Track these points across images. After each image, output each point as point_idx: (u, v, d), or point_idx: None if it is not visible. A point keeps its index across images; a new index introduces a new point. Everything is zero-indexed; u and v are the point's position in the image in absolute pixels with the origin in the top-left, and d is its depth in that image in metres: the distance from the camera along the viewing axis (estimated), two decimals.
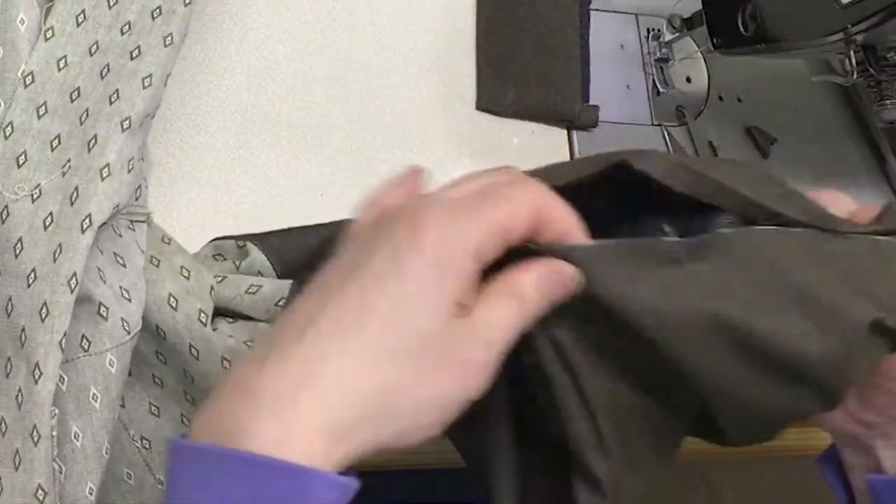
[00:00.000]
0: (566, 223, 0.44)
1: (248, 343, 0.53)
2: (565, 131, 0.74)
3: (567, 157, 0.73)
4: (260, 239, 0.55)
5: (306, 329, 0.41)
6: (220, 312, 0.54)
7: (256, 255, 0.55)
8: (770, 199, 0.45)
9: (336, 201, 0.65)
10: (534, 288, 0.44)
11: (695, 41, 0.80)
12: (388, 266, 0.41)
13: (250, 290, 0.53)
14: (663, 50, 0.79)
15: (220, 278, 0.53)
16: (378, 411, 0.40)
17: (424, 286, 0.41)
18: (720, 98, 0.81)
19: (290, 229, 0.57)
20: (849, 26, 0.61)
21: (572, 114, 0.72)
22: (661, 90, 0.79)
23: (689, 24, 0.77)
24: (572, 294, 0.44)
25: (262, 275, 0.56)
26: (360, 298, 0.41)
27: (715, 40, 0.71)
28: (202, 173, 0.62)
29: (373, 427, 0.40)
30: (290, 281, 0.54)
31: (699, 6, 0.73)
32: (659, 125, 0.77)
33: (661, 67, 0.80)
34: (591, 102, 0.74)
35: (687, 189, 0.45)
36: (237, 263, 0.55)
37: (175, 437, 0.39)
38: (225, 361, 0.51)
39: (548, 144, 0.73)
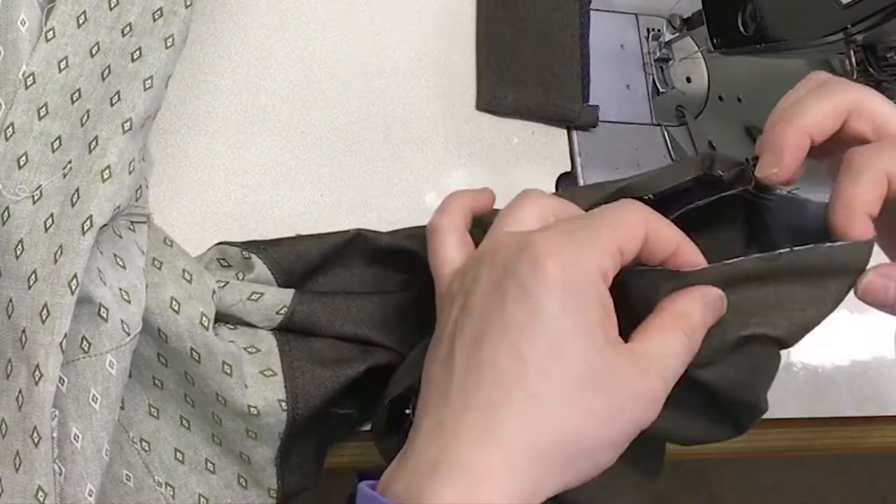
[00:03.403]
0: (675, 239, 0.45)
1: (249, 350, 0.53)
2: (565, 131, 0.74)
3: (567, 157, 0.73)
4: (264, 250, 0.55)
5: (470, 393, 0.41)
6: (221, 318, 0.54)
7: (261, 270, 0.54)
8: None
9: (336, 201, 0.65)
10: (700, 317, 0.44)
11: (695, 41, 0.80)
12: (525, 311, 0.41)
13: (252, 297, 0.53)
14: (663, 50, 0.79)
15: (222, 283, 0.53)
16: (559, 462, 0.41)
17: (568, 320, 0.41)
18: (720, 98, 0.81)
19: (292, 238, 0.57)
20: (849, 26, 0.61)
21: (572, 114, 0.72)
22: (661, 90, 0.79)
23: (689, 24, 0.77)
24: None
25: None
26: (512, 353, 0.41)
27: (715, 40, 0.71)
28: (202, 173, 0.62)
29: (554, 477, 0.41)
30: (293, 290, 0.55)
31: (699, 6, 0.73)
32: (659, 125, 0.77)
33: (661, 67, 0.80)
34: (591, 102, 0.74)
35: None
36: (240, 276, 0.55)
37: (363, 485, 0.41)
38: (226, 366, 0.51)
39: (548, 144, 0.73)
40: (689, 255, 0.45)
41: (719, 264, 0.45)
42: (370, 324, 0.55)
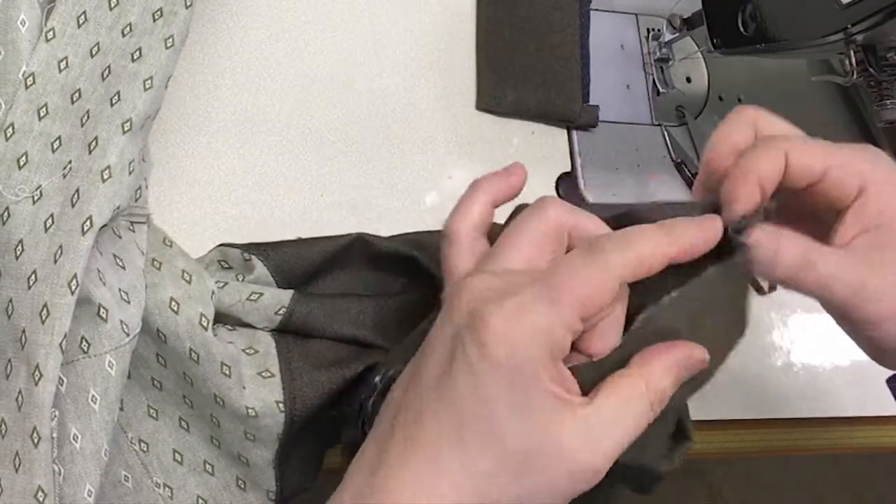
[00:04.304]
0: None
1: (247, 351, 0.53)
2: (565, 131, 0.74)
3: (567, 157, 0.73)
4: (265, 252, 0.55)
5: (410, 451, 0.41)
6: (220, 319, 0.54)
7: (261, 272, 0.54)
8: None
9: (336, 201, 0.65)
10: (670, 379, 0.42)
11: (695, 41, 0.80)
12: (469, 386, 0.40)
13: (251, 298, 0.53)
14: (663, 50, 0.79)
15: (221, 284, 0.53)
16: None
17: (509, 402, 0.40)
18: (720, 98, 0.81)
19: (294, 242, 0.57)
20: (849, 26, 0.61)
21: (572, 114, 0.72)
22: (661, 90, 0.79)
23: (689, 24, 0.77)
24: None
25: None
26: (454, 420, 0.41)
27: (715, 40, 0.71)
28: (202, 174, 0.62)
29: None
30: (291, 291, 0.55)
31: (699, 6, 0.73)
32: (659, 125, 0.77)
33: (661, 67, 0.80)
34: (591, 102, 0.73)
35: None
36: (240, 278, 0.55)
37: None
38: (224, 367, 0.51)
39: (548, 144, 0.73)
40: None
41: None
42: (369, 326, 0.55)
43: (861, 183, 0.48)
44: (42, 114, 0.49)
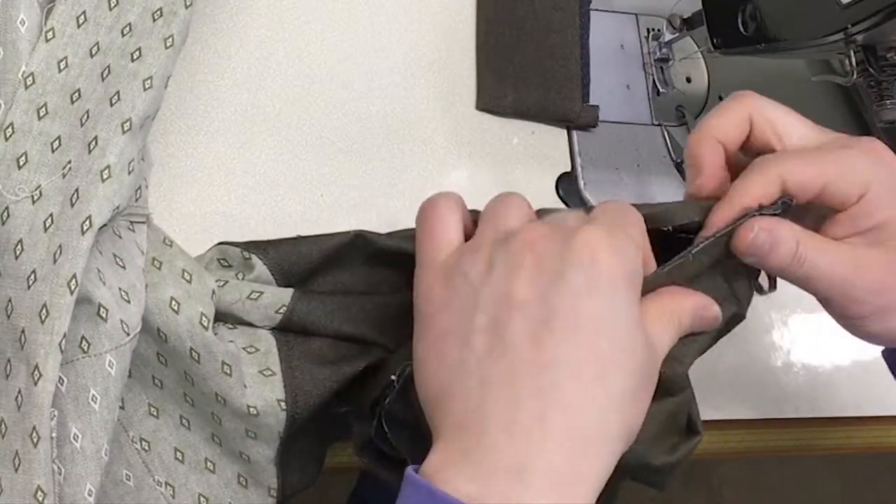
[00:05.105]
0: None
1: (248, 349, 0.53)
2: (565, 131, 0.74)
3: (567, 157, 0.73)
4: (265, 251, 0.55)
5: (547, 393, 0.40)
6: (221, 318, 0.54)
7: (261, 271, 0.54)
8: None
9: (336, 201, 0.65)
10: (690, 319, 0.46)
11: (695, 41, 0.80)
12: (598, 305, 0.41)
13: (252, 296, 0.53)
14: (663, 50, 0.79)
15: (221, 283, 0.53)
16: (618, 454, 0.42)
17: (632, 314, 0.42)
18: (720, 98, 0.80)
19: (293, 239, 0.57)
20: (849, 26, 0.61)
21: (572, 114, 0.72)
22: (661, 90, 0.79)
23: (689, 24, 0.77)
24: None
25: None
26: (589, 349, 0.40)
27: (715, 40, 0.71)
28: (202, 173, 0.62)
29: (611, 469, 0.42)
30: (292, 289, 0.54)
31: (699, 6, 0.73)
32: (659, 125, 0.77)
33: (661, 67, 0.80)
34: (591, 102, 0.74)
35: None
36: (240, 276, 0.55)
37: (416, 476, 0.40)
38: (225, 366, 0.51)
39: (548, 144, 0.73)
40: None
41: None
42: (369, 323, 0.55)
43: (861, 189, 0.49)
44: (42, 114, 0.49)
